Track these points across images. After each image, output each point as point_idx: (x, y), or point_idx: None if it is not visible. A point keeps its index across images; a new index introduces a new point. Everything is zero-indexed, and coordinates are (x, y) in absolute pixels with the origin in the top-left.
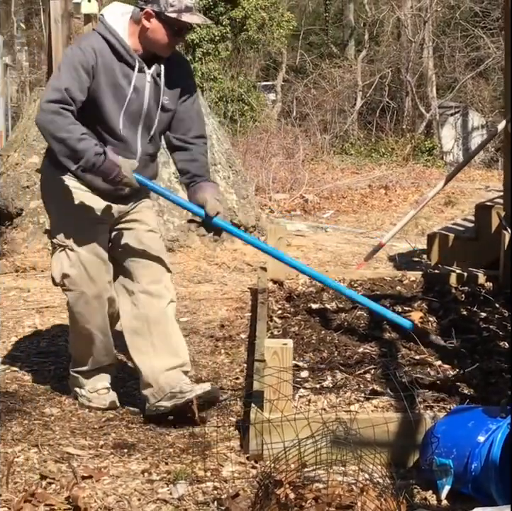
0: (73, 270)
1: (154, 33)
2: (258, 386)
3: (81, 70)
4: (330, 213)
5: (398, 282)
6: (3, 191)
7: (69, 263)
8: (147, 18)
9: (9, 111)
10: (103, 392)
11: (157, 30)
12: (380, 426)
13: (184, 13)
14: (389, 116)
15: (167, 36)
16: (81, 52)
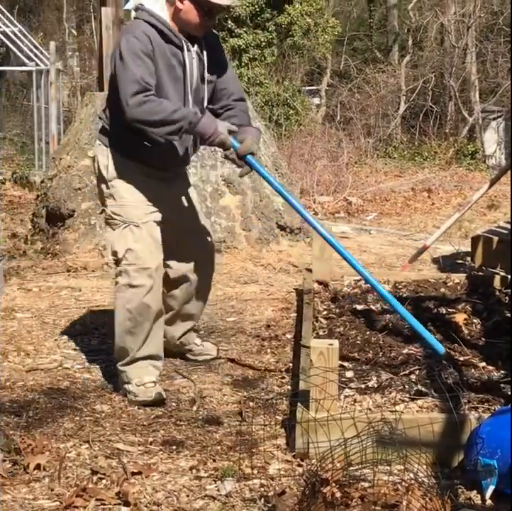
0: (137, 245)
1: (187, 14)
2: (304, 385)
3: (144, 57)
4: (373, 216)
5: (442, 284)
6: (55, 193)
7: (134, 238)
8: (180, 0)
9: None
10: (149, 385)
11: (190, 11)
12: (425, 427)
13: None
14: (432, 120)
15: (198, 17)
16: (137, 40)
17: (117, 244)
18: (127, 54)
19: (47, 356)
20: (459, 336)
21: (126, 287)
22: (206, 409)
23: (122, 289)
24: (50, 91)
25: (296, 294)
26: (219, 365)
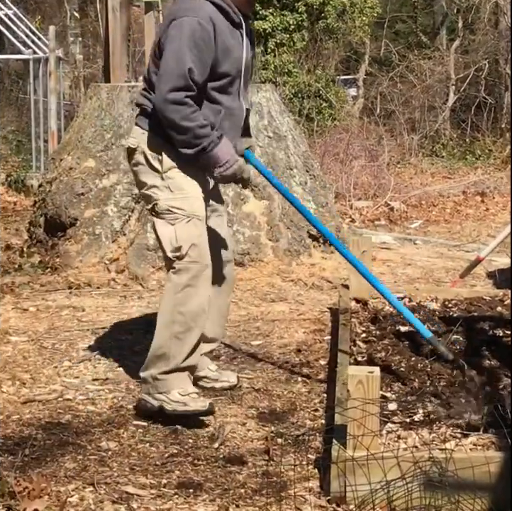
0: (201, 241)
1: None
2: (340, 420)
3: (203, 48)
4: (418, 224)
5: (498, 302)
6: (55, 198)
7: (198, 233)
8: None
9: (62, 110)
10: (195, 396)
11: None
12: (480, 467)
13: None
14: (486, 113)
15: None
16: (201, 27)
17: (180, 239)
18: (186, 40)
19: (46, 386)
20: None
21: (183, 287)
22: (227, 447)
23: (177, 288)
24: (49, 83)
25: (330, 314)
26: (242, 395)
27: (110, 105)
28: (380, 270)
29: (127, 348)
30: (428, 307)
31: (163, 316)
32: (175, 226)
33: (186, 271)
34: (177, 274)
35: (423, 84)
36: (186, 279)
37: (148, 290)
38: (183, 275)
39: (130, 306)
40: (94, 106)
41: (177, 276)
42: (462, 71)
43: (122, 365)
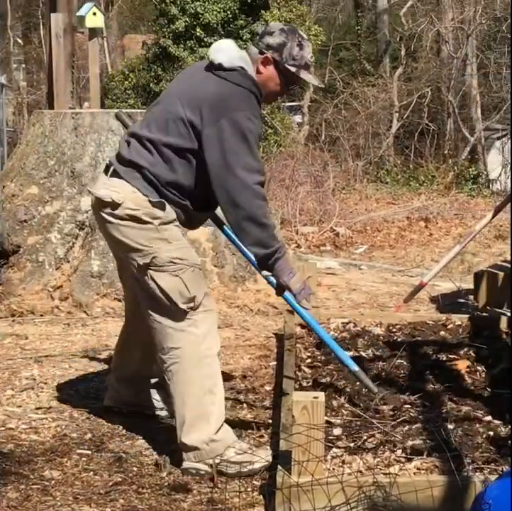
0: (208, 289)
1: (267, 80)
2: (285, 445)
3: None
4: (363, 249)
5: (441, 326)
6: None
7: (203, 281)
8: (264, 64)
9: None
10: (245, 447)
11: (271, 78)
12: (424, 491)
13: (303, 69)
14: (429, 139)
15: (279, 86)
16: (258, 121)
17: (192, 289)
18: (251, 136)
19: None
20: (461, 386)
21: (204, 337)
22: (172, 475)
23: (197, 341)
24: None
25: (276, 340)
26: None
27: (53, 131)
28: (325, 295)
29: (70, 376)
30: (373, 332)
31: (188, 374)
32: (181, 276)
33: (204, 321)
34: (195, 326)
35: (367, 111)
36: (205, 329)
37: (92, 317)
38: (201, 325)
39: (74, 333)
40: (37, 133)
41: (196, 328)
42: (405, 98)
43: (65, 394)
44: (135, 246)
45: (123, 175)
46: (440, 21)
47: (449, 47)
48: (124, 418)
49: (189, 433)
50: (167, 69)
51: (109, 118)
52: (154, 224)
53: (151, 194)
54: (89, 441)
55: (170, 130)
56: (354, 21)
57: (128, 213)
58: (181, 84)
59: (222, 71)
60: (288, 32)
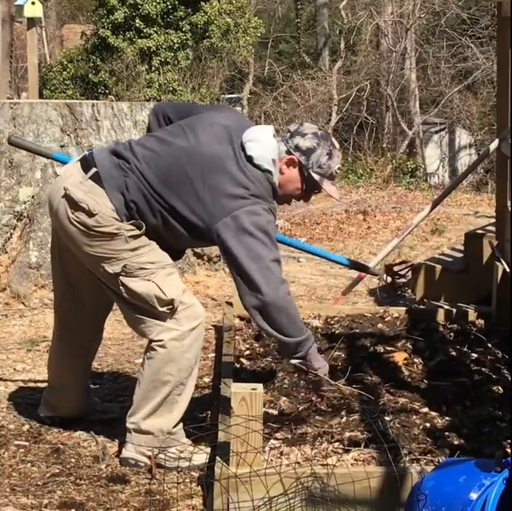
0: (183, 283)
1: (287, 182)
2: (224, 437)
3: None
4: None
5: (379, 318)
6: None
7: (177, 278)
8: (288, 165)
9: None
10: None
11: (291, 181)
12: (361, 482)
13: (327, 179)
14: (368, 133)
15: (299, 191)
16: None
17: (168, 292)
18: (270, 241)
19: None
20: (398, 378)
21: (188, 333)
22: (110, 466)
23: (181, 337)
24: None
25: (214, 332)
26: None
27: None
28: None
29: (8, 367)
30: (311, 324)
31: (167, 366)
32: (155, 280)
33: (187, 317)
34: (178, 323)
35: (306, 103)
36: (189, 325)
37: (30, 309)
38: (185, 322)
39: (12, 325)
40: None
41: (179, 325)
42: (344, 91)
43: (3, 385)
44: (103, 255)
45: (106, 188)
46: (379, 15)
47: (389, 40)
48: None
49: (150, 418)
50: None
51: (48, 108)
52: (123, 235)
53: (127, 219)
54: (27, 432)
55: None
56: (293, 14)
57: (98, 227)
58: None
59: (249, 164)
60: (321, 138)
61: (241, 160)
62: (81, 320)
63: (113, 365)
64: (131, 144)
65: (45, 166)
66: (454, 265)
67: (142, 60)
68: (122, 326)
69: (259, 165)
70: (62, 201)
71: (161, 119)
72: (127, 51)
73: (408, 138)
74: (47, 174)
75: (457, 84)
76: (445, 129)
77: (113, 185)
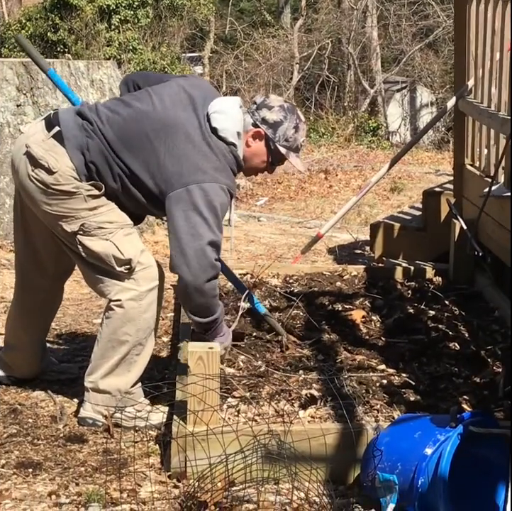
0: (142, 244)
1: (253, 155)
2: (181, 395)
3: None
4: (264, 201)
5: (338, 277)
6: None
7: (137, 238)
8: (255, 138)
9: None
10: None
11: (257, 154)
12: (317, 439)
13: (293, 152)
14: (329, 91)
15: (263, 163)
16: (227, 198)
17: (125, 251)
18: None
19: None
20: (356, 336)
21: (145, 293)
22: (67, 426)
23: (139, 297)
24: None
25: (173, 291)
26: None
27: None
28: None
29: None
30: (270, 283)
31: (125, 326)
32: (111, 239)
33: (145, 278)
34: (137, 283)
35: (267, 62)
36: (147, 286)
37: None
38: (142, 282)
39: None
40: None
41: (137, 285)
42: (306, 49)
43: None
44: (61, 214)
45: (67, 145)
46: None
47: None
48: None
49: (108, 377)
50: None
51: (3, 67)
52: (81, 194)
53: (87, 179)
54: None
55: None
56: None
57: (56, 185)
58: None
59: (214, 135)
60: (288, 111)
61: (206, 130)
62: (40, 280)
63: (71, 326)
64: (97, 106)
65: (1, 126)
66: (412, 223)
67: (102, 18)
68: (80, 286)
69: (223, 137)
70: (23, 158)
71: (131, 88)
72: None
73: (369, 97)
74: (4, 134)
75: (418, 42)
76: (407, 87)
77: (75, 145)
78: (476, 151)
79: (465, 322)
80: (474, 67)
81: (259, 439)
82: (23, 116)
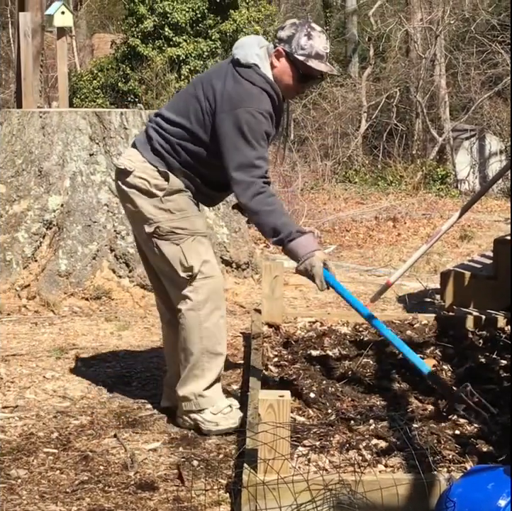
0: (210, 256)
1: (281, 73)
2: (251, 444)
3: (266, 138)
4: (332, 248)
5: (408, 325)
6: None
7: (205, 249)
8: (277, 57)
9: None
10: (227, 411)
11: (284, 71)
12: (389, 489)
13: (313, 59)
14: (397, 140)
15: (292, 79)
16: (265, 119)
17: (190, 258)
18: (253, 134)
19: None
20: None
21: (203, 303)
22: (138, 473)
23: (198, 306)
24: None
25: (243, 339)
26: (154, 421)
27: (21, 130)
28: (292, 295)
29: (37, 375)
30: (339, 331)
31: (190, 334)
32: (181, 245)
33: (203, 287)
34: (195, 292)
35: (335, 111)
36: (205, 296)
37: (60, 317)
38: (201, 291)
39: (41, 332)
40: (5, 132)
41: (195, 294)
42: (374, 98)
43: (32, 393)
44: (144, 215)
45: (138, 146)
46: (408, 21)
47: (418, 47)
48: (91, 417)
49: (184, 384)
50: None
51: (77, 117)
52: (158, 195)
53: (159, 164)
54: (56, 439)
55: (186, 111)
56: (323, 21)
57: (136, 182)
58: (208, 72)
59: (238, 66)
60: (299, 25)
61: (230, 67)
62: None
63: (142, 373)
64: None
65: (74, 174)
66: (483, 271)
67: (172, 69)
68: (151, 333)
69: (245, 63)
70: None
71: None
72: (156, 60)
73: (438, 145)
74: (76, 183)
75: (487, 90)
76: (475, 135)
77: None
78: None
79: None
80: None
81: (330, 489)
82: (95, 165)
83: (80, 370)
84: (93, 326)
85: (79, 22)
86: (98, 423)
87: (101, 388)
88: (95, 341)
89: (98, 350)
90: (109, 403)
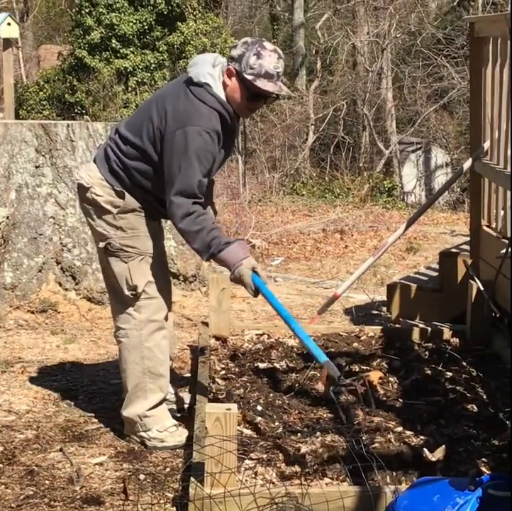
0: (156, 277)
1: (233, 92)
2: (198, 457)
3: (211, 159)
4: (279, 261)
5: (355, 337)
6: None
7: (151, 270)
8: (229, 76)
9: None
10: (172, 429)
11: (235, 90)
12: (335, 502)
13: (262, 78)
14: (345, 152)
15: (242, 97)
16: (211, 138)
17: (135, 277)
18: (197, 154)
19: None
20: (373, 397)
21: (145, 323)
22: (84, 488)
23: (140, 325)
24: None
25: (190, 352)
26: (100, 434)
27: None
28: (240, 307)
29: None
30: (287, 343)
31: (131, 354)
32: (128, 264)
33: (147, 307)
34: (138, 311)
35: (283, 123)
36: (148, 315)
37: (5, 330)
38: (144, 311)
39: None
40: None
41: (138, 313)
42: (321, 111)
43: None
44: (98, 230)
45: (97, 162)
46: (355, 35)
47: (365, 60)
48: (37, 431)
49: (127, 406)
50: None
51: (23, 129)
52: (112, 212)
53: (116, 184)
54: (1, 454)
55: (140, 130)
56: (270, 34)
57: (92, 198)
58: (164, 90)
59: (191, 85)
60: (250, 43)
61: (184, 85)
62: None
63: (88, 386)
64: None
65: (20, 187)
66: (429, 283)
67: (119, 80)
68: (97, 346)
69: (197, 82)
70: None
71: None
72: (103, 71)
73: (384, 158)
74: (22, 195)
75: (433, 104)
76: (422, 148)
77: (102, 158)
78: (493, 212)
79: (483, 384)
80: (490, 129)
81: (276, 502)
82: (41, 177)
83: (26, 384)
84: (39, 340)
85: (25, 33)
86: (43, 437)
87: (46, 402)
88: (41, 355)
89: (44, 364)
90: (55, 417)
